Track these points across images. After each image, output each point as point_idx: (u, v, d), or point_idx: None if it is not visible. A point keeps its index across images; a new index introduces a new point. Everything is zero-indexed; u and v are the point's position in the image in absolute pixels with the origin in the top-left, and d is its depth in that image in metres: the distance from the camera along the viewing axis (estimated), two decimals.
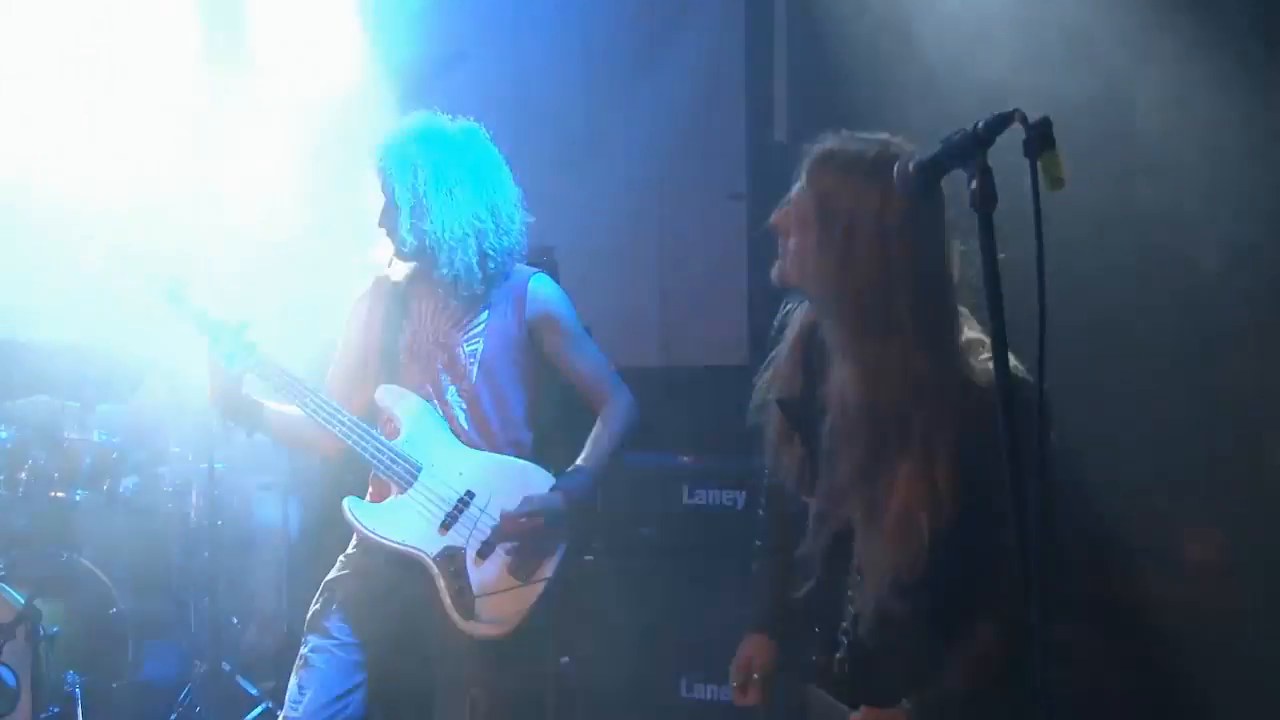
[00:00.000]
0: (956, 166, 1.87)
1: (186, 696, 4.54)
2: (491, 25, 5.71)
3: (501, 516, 3.15)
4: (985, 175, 1.81)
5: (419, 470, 3.20)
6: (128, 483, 4.81)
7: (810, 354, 2.43)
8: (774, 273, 2.34)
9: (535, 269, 3.41)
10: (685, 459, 4.54)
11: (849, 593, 2.33)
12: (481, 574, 3.14)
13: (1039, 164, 1.78)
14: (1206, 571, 3.91)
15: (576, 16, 5.63)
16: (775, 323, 2.54)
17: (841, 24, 4.86)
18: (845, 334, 2.26)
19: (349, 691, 3.13)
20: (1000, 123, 1.81)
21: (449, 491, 3.19)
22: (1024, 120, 1.78)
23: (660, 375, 5.54)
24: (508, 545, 3.16)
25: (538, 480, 3.24)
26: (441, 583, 3.14)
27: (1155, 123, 3.83)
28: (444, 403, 3.25)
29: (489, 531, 3.16)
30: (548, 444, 3.36)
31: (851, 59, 4.72)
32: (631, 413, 3.35)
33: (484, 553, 3.16)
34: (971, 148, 1.83)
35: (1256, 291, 3.92)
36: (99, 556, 4.73)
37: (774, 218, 2.32)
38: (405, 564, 3.17)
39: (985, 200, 1.81)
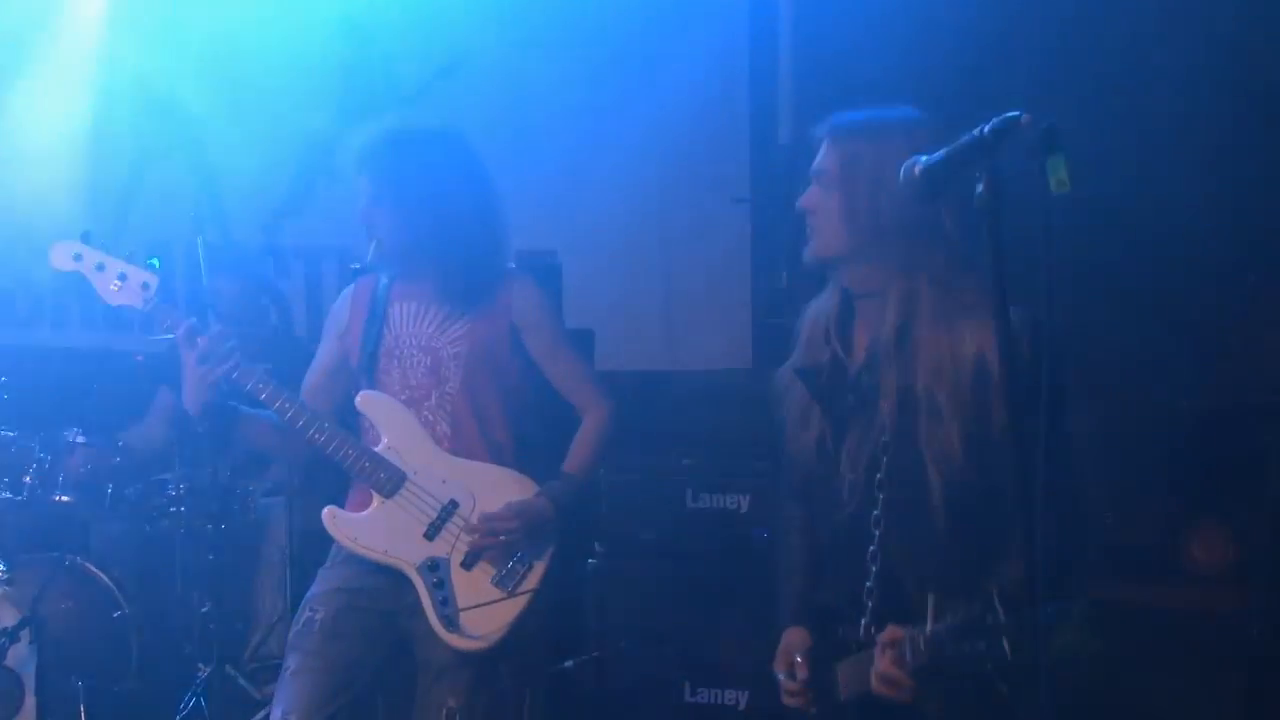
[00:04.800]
0: (964, 169, 1.87)
1: (190, 700, 4.53)
2: (492, 28, 5.70)
3: (481, 517, 3.09)
4: (993, 178, 1.82)
5: (402, 478, 3.12)
6: (131, 487, 4.81)
7: (829, 329, 2.47)
8: (807, 253, 2.41)
9: (520, 270, 3.35)
10: (688, 462, 4.55)
11: (870, 562, 2.35)
12: (466, 585, 3.08)
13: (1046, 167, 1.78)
14: (1211, 573, 3.92)
15: (579, 18, 5.62)
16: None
17: (846, 25, 4.88)
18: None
19: (333, 716, 3.04)
20: (1007, 126, 1.82)
21: (432, 500, 3.12)
22: (1031, 124, 1.79)
23: (663, 379, 5.53)
24: (493, 554, 3.09)
25: (522, 487, 3.17)
26: (425, 593, 3.06)
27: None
28: (427, 407, 3.18)
29: (473, 540, 3.10)
30: (531, 447, 3.29)
31: (856, 61, 4.73)
32: (614, 417, 3.28)
33: (468, 563, 3.09)
34: (979, 151, 1.83)
35: (1260, 288, 3.93)
36: (102, 560, 4.74)
37: (802, 200, 2.39)
38: (387, 574, 3.11)
39: (992, 203, 1.82)
